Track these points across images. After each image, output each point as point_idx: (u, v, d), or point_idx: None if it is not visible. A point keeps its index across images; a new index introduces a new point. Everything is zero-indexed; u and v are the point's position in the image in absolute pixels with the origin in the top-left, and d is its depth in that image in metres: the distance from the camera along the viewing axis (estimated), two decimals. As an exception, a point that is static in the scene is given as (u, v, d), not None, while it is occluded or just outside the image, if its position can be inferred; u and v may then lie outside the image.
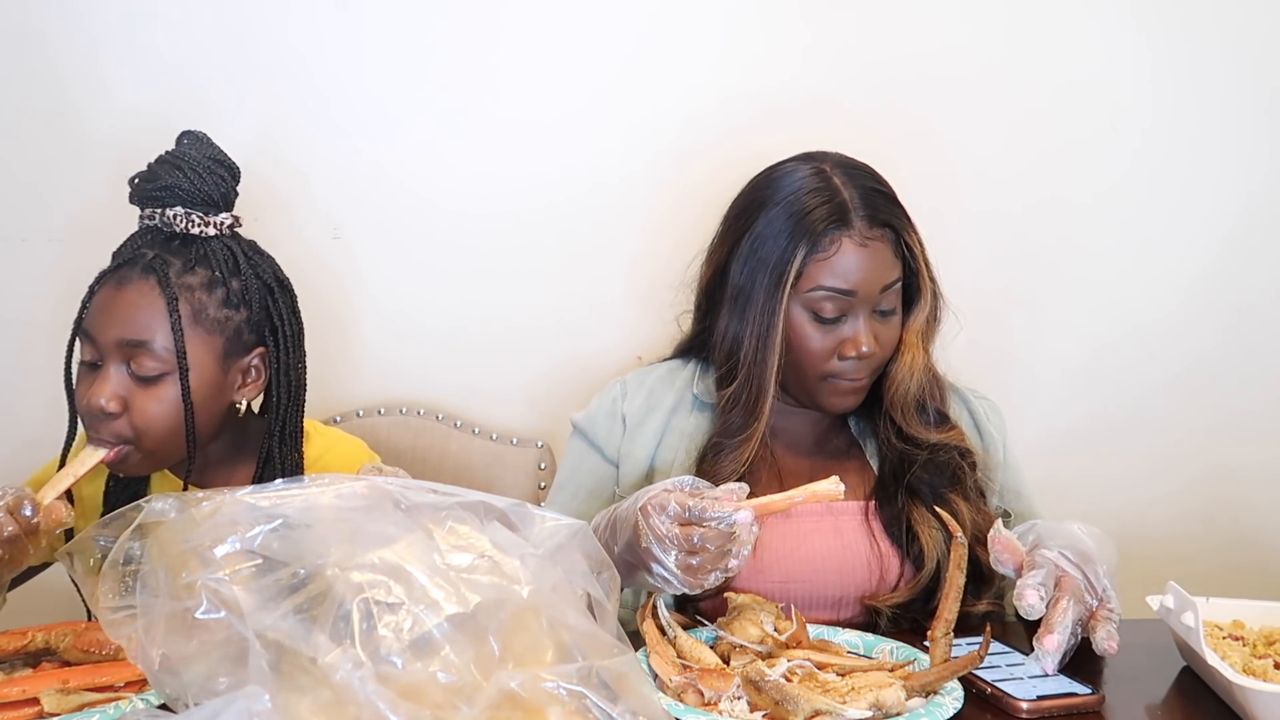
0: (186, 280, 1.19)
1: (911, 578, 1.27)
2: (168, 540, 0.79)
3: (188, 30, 1.70)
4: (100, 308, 1.18)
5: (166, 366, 1.17)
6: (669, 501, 1.02)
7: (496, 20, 1.76)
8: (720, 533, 1.00)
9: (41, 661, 1.03)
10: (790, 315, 1.27)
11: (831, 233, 1.25)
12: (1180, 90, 1.86)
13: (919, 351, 1.31)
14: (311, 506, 0.80)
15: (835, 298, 1.25)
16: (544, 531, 0.84)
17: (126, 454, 1.18)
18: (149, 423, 1.17)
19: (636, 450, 1.37)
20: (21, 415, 1.73)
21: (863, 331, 1.26)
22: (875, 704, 0.93)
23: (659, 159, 1.79)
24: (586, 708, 0.74)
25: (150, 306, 1.17)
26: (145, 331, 1.17)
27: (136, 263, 1.19)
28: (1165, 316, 1.90)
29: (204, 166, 1.22)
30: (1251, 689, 0.93)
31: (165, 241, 1.21)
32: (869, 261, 1.25)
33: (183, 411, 1.18)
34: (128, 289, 1.18)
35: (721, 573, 1.02)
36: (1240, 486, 1.93)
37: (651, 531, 1.02)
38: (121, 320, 1.17)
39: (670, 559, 1.01)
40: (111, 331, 1.17)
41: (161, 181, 1.21)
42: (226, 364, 1.23)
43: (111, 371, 1.17)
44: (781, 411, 1.37)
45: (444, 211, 1.78)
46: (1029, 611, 1.04)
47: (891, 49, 1.81)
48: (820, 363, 1.28)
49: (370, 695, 0.71)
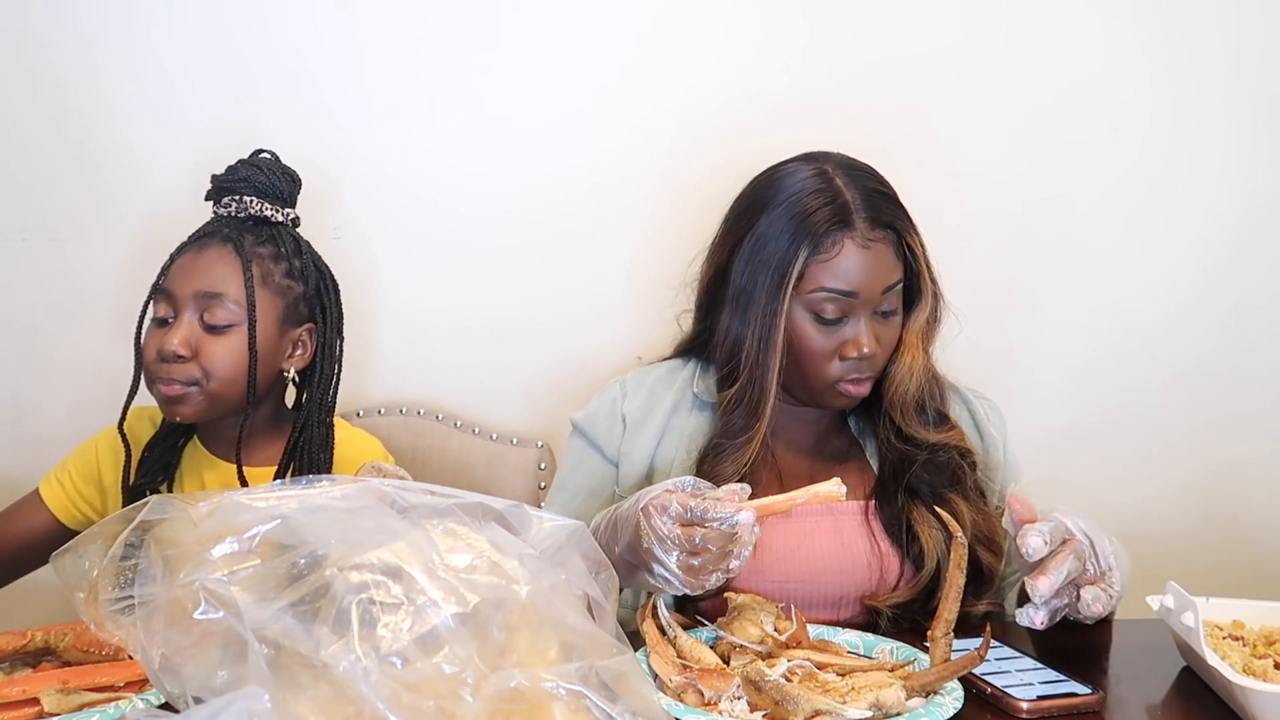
0: (258, 250, 1.35)
1: (912, 578, 1.27)
2: (166, 540, 0.79)
3: (186, 31, 1.70)
4: (180, 267, 1.34)
5: (235, 318, 1.32)
6: (670, 502, 1.01)
7: (496, 20, 1.76)
8: (722, 533, 1.00)
9: (41, 661, 1.03)
10: (792, 316, 1.27)
11: (834, 234, 1.25)
12: (1181, 91, 1.86)
13: (919, 352, 1.31)
14: (309, 507, 0.80)
15: (837, 299, 1.25)
16: (542, 532, 0.84)
17: (189, 394, 1.30)
18: (216, 366, 1.30)
19: (636, 450, 1.36)
20: (22, 414, 1.73)
21: (864, 333, 1.26)
22: (875, 704, 0.93)
23: (659, 159, 1.79)
24: (586, 707, 0.74)
25: (227, 265, 1.33)
26: (221, 284, 1.32)
27: (215, 234, 1.35)
28: (1165, 317, 1.90)
29: (277, 170, 1.41)
30: (1251, 689, 0.93)
31: (240, 223, 1.37)
32: (871, 263, 1.25)
33: (247, 360, 1.31)
34: (207, 251, 1.34)
35: (723, 574, 1.02)
36: (1240, 486, 1.93)
37: (653, 532, 1.01)
38: (200, 275, 1.32)
39: (672, 560, 1.01)
40: (189, 284, 1.32)
41: (240, 175, 1.38)
42: (283, 329, 1.37)
43: (185, 321, 1.31)
44: (782, 412, 1.37)
45: (444, 211, 1.78)
46: (1030, 552, 1.03)
47: (892, 49, 1.81)
48: (822, 363, 1.28)
49: (371, 691, 0.71)
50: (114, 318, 1.72)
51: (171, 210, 1.72)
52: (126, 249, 1.71)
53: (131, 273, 1.72)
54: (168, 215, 1.72)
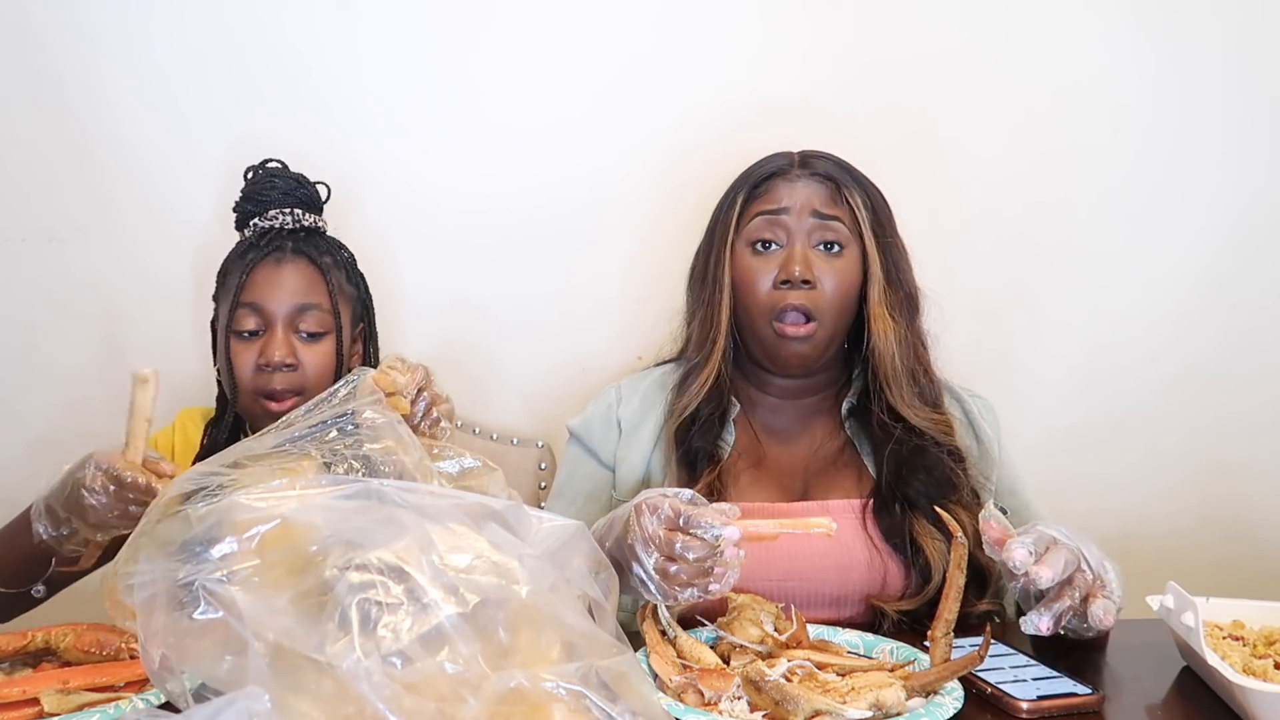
0: (325, 260, 1.43)
1: (919, 589, 1.27)
2: (165, 539, 0.79)
3: (185, 31, 1.70)
4: (264, 282, 1.39)
5: (325, 326, 1.40)
6: (663, 504, 1.02)
7: (496, 20, 1.76)
8: (703, 543, 1.00)
9: (41, 661, 1.03)
10: (735, 253, 1.35)
11: (770, 179, 1.35)
12: (1181, 92, 1.86)
13: (888, 320, 1.33)
14: (309, 507, 0.80)
15: (768, 218, 1.32)
16: (541, 532, 0.85)
17: (293, 401, 1.35)
18: (314, 372, 1.37)
19: (632, 455, 1.37)
20: (23, 415, 1.73)
21: (796, 255, 1.30)
22: (875, 704, 0.93)
23: (659, 159, 1.79)
24: (587, 708, 0.74)
25: (311, 277, 1.41)
26: (311, 295, 1.40)
27: (284, 247, 1.41)
28: (1165, 317, 1.90)
29: (307, 182, 1.48)
30: (1251, 689, 0.93)
31: (292, 234, 1.43)
32: (800, 188, 1.33)
33: (335, 364, 1.39)
34: (286, 265, 1.40)
35: (700, 591, 1.02)
36: (1240, 485, 1.93)
37: (640, 531, 1.02)
38: (290, 288, 1.39)
39: (650, 561, 1.01)
40: (282, 298, 1.38)
41: (278, 188, 1.45)
42: (352, 331, 1.46)
43: (281, 332, 1.37)
44: (770, 407, 1.39)
45: (444, 211, 1.78)
46: (1018, 564, 1.01)
47: (892, 50, 1.81)
48: (761, 295, 1.32)
49: (371, 691, 0.71)
50: (114, 318, 1.72)
51: (171, 210, 1.72)
52: (126, 249, 1.71)
53: (131, 273, 1.72)
54: (167, 215, 1.72)
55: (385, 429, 0.97)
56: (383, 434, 0.96)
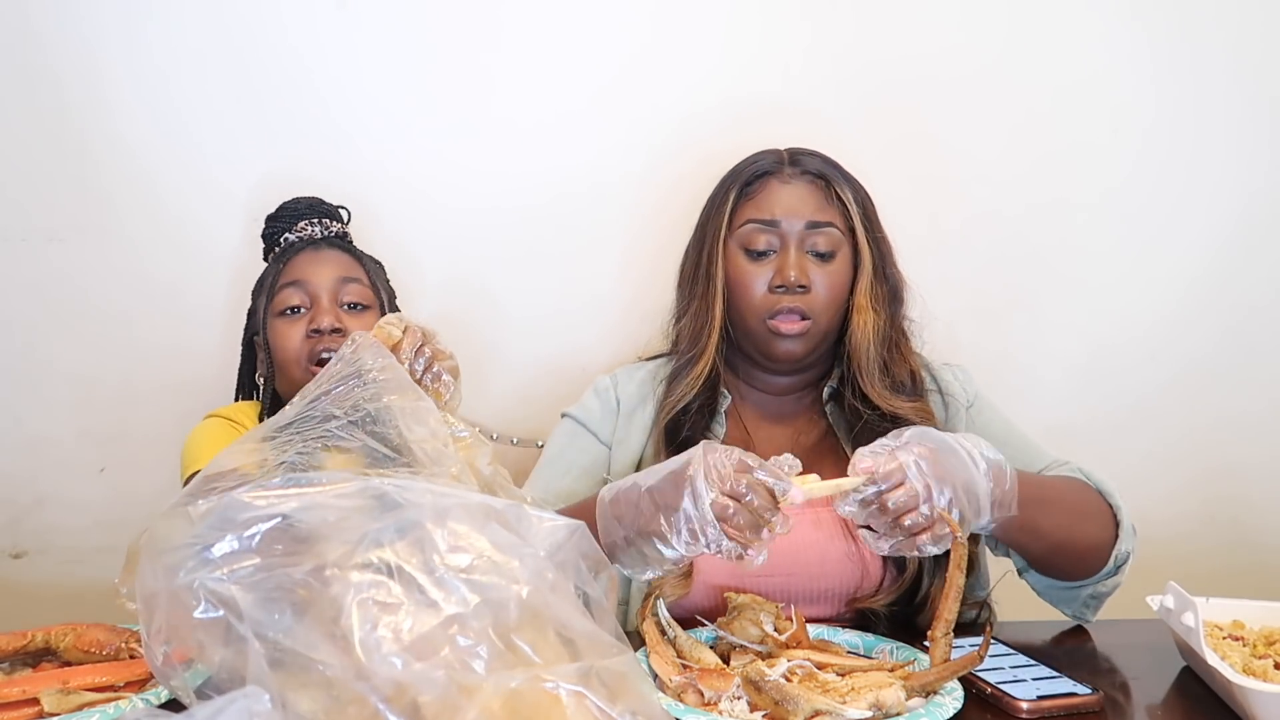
0: (358, 251, 1.53)
1: (894, 580, 1.26)
2: (164, 538, 0.79)
3: (184, 32, 1.70)
4: (306, 263, 1.48)
5: (367, 299, 1.49)
6: (735, 450, 1.02)
7: (495, 20, 1.76)
8: (768, 491, 0.99)
9: (41, 661, 1.03)
10: (728, 253, 1.36)
11: (761, 179, 1.37)
12: (1181, 92, 1.86)
13: (870, 314, 1.35)
14: (310, 506, 0.80)
15: (762, 229, 1.34)
16: (542, 532, 0.84)
17: None
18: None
19: (630, 437, 1.38)
20: (23, 415, 1.73)
21: (790, 262, 1.32)
22: (875, 704, 0.93)
23: (659, 159, 1.79)
24: (586, 708, 0.74)
25: (348, 260, 1.51)
26: (352, 270, 1.49)
27: (317, 242, 1.51)
28: (1165, 317, 1.90)
29: (314, 199, 1.56)
30: (1251, 689, 0.93)
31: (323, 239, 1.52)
32: (792, 195, 1.35)
33: None
34: (324, 250, 1.50)
35: (737, 549, 0.99)
36: (1240, 486, 1.93)
37: (707, 467, 1.00)
38: (333, 264, 1.48)
39: (709, 496, 0.98)
40: (326, 272, 1.47)
41: (303, 202, 1.55)
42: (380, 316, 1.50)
43: (326, 302, 1.45)
44: (759, 399, 1.41)
45: (445, 210, 1.78)
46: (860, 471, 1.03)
47: (892, 50, 1.81)
48: (756, 298, 1.33)
49: (371, 691, 0.71)
50: (114, 318, 1.72)
51: (171, 210, 1.72)
52: (126, 249, 1.71)
53: (131, 273, 1.72)
54: (167, 215, 1.72)
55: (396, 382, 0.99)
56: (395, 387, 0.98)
